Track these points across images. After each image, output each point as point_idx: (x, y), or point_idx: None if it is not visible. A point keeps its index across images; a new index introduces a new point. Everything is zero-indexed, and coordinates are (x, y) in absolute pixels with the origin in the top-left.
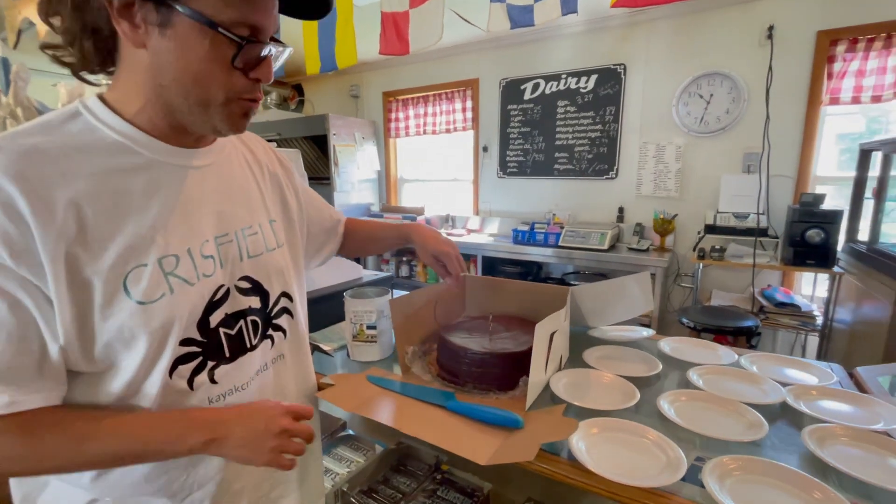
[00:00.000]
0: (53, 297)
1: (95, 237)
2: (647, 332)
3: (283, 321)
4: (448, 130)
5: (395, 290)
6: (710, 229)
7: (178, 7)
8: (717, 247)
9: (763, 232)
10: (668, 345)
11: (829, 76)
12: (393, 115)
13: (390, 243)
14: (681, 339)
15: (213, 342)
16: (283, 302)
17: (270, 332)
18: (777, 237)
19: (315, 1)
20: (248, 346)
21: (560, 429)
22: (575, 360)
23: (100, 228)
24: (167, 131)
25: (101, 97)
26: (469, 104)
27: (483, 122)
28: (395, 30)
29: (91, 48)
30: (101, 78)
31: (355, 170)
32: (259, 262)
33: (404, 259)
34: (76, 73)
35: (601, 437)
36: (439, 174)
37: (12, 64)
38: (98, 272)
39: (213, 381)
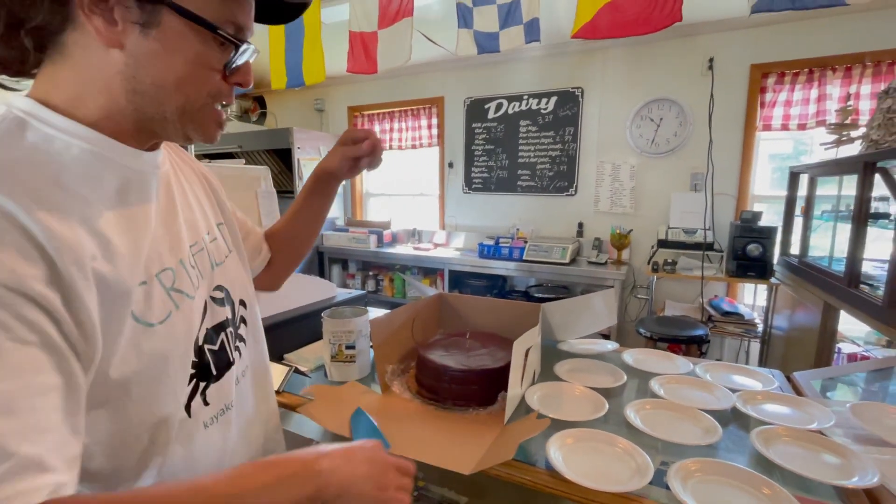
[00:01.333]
0: (81, 325)
1: (122, 255)
2: (611, 346)
3: (242, 331)
4: (414, 146)
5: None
6: (663, 244)
7: (167, 5)
8: (670, 260)
9: (710, 246)
10: (631, 356)
11: (762, 105)
12: None
13: (309, 199)
14: (642, 350)
15: (202, 361)
16: (240, 310)
17: (238, 343)
18: (722, 251)
19: (285, 9)
20: (230, 360)
21: (533, 427)
22: (546, 373)
23: (122, 246)
24: (130, 135)
25: (39, 101)
26: (434, 121)
27: (448, 138)
28: (363, 49)
29: (30, 45)
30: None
31: None
32: (224, 269)
33: (370, 273)
34: None
35: (575, 447)
36: (405, 189)
37: None
38: (133, 291)
39: (205, 402)
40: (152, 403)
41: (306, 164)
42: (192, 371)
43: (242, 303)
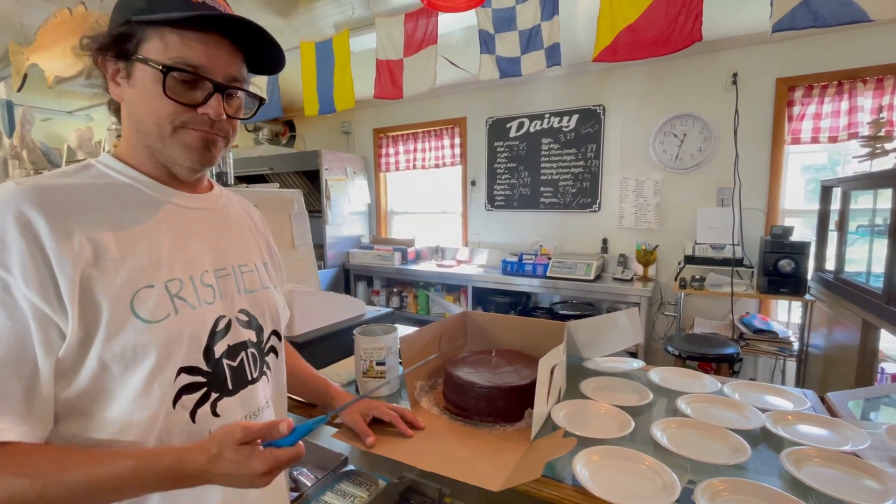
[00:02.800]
0: (65, 318)
1: (109, 259)
2: (637, 364)
3: (270, 359)
4: (437, 165)
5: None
6: (690, 259)
7: (134, 58)
8: (697, 276)
9: (739, 262)
10: (657, 375)
11: (790, 119)
12: (383, 151)
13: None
14: (669, 369)
15: (217, 373)
16: (273, 340)
17: (265, 369)
18: (752, 267)
19: (268, 63)
20: (249, 378)
21: (560, 446)
22: (572, 390)
23: (113, 252)
24: (163, 175)
25: (111, 152)
26: (457, 141)
27: (471, 157)
28: (389, 76)
29: (119, 120)
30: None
31: (346, 203)
32: (255, 297)
33: (395, 290)
34: None
35: (602, 464)
36: (429, 207)
37: (16, 107)
38: (109, 290)
39: (215, 413)
40: (141, 387)
41: (334, 184)
42: (202, 379)
43: (276, 334)
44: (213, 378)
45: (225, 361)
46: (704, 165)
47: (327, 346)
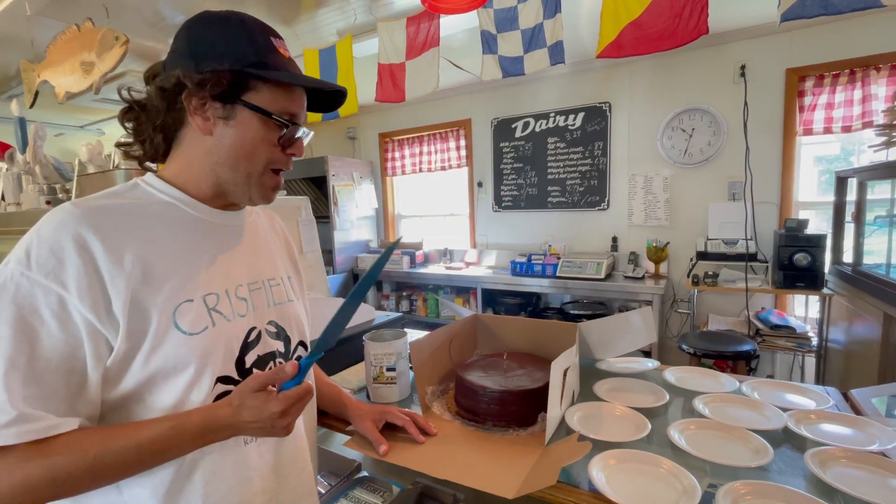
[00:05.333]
0: (114, 332)
1: (156, 276)
2: (652, 364)
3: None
4: (443, 168)
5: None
6: (702, 256)
7: (241, 104)
8: (710, 272)
9: (752, 257)
10: (672, 375)
11: (801, 109)
12: (389, 155)
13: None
14: (684, 368)
15: None
16: (300, 350)
17: None
18: (766, 261)
19: (329, 103)
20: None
21: (575, 451)
22: (586, 392)
23: (159, 269)
24: (209, 197)
25: (156, 174)
26: (462, 142)
27: (476, 159)
28: (391, 80)
29: (160, 141)
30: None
31: (354, 208)
32: (282, 309)
33: (404, 294)
34: (142, 164)
35: (619, 468)
36: (436, 209)
37: (28, 123)
38: (155, 305)
39: None
40: (179, 397)
41: (341, 190)
42: (230, 387)
43: (303, 344)
44: None
45: (256, 371)
46: (714, 160)
47: (337, 352)
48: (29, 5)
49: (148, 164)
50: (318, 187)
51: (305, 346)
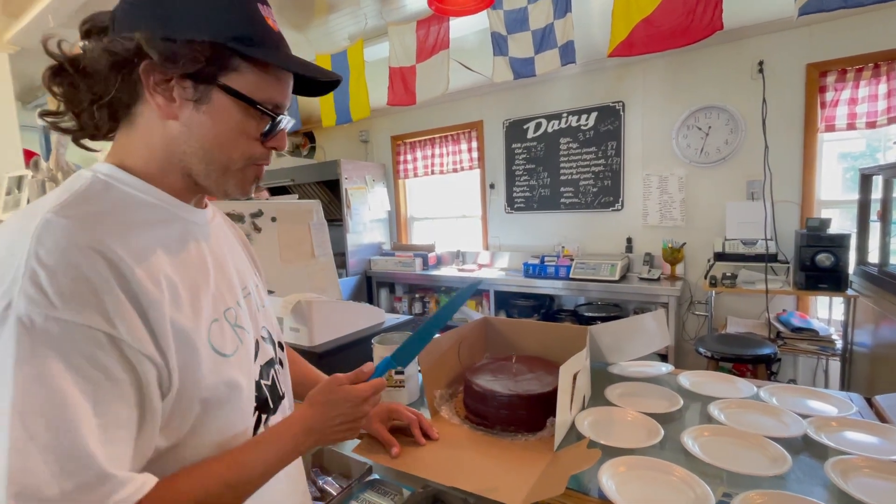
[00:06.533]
0: (167, 367)
1: (182, 296)
2: (666, 368)
3: (281, 371)
4: (455, 170)
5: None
6: (720, 256)
7: (217, 87)
8: (729, 273)
9: (773, 257)
10: (687, 379)
11: (823, 105)
12: (401, 158)
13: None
14: (699, 372)
15: (261, 395)
16: (280, 353)
17: (286, 380)
18: (787, 262)
19: (321, 85)
20: (280, 394)
21: (584, 459)
22: (597, 397)
23: (181, 288)
24: (181, 191)
25: (117, 165)
26: (474, 144)
27: (488, 160)
28: (402, 83)
29: (105, 116)
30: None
31: (367, 211)
32: (266, 313)
33: (417, 296)
34: (77, 140)
35: (629, 476)
36: (448, 212)
37: (52, 131)
38: (193, 330)
39: None
40: (225, 425)
41: (353, 193)
42: (255, 404)
43: (281, 346)
44: (260, 401)
45: (262, 382)
46: (732, 158)
47: (347, 354)
48: (52, 18)
49: (86, 142)
50: (331, 190)
51: (282, 348)
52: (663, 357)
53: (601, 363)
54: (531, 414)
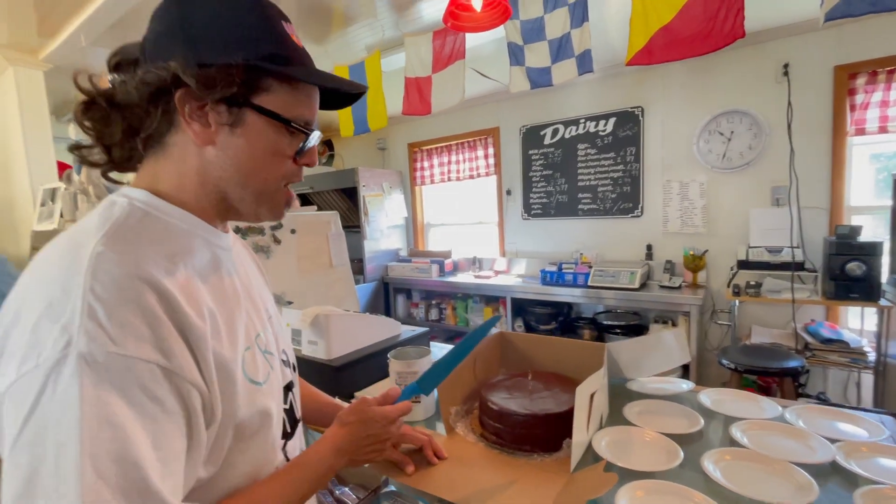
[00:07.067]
0: (212, 398)
1: (220, 326)
2: (686, 385)
3: (294, 393)
4: (471, 176)
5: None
6: (744, 264)
7: (251, 108)
8: (753, 282)
9: (800, 266)
10: (708, 397)
11: (852, 108)
12: (418, 165)
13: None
14: (721, 390)
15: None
16: (294, 375)
17: (299, 402)
18: (815, 271)
19: (345, 98)
20: (297, 417)
21: (601, 484)
22: (615, 415)
23: (218, 317)
24: (212, 217)
25: (150, 191)
26: (491, 151)
27: (505, 166)
28: (417, 93)
29: (137, 147)
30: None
31: (384, 217)
32: (284, 336)
33: (434, 302)
34: (105, 174)
35: (647, 501)
36: (464, 218)
37: None
38: (230, 360)
39: (287, 458)
40: (256, 455)
41: (371, 200)
42: (283, 428)
43: (294, 368)
44: (282, 428)
45: (283, 408)
46: (755, 164)
47: (364, 367)
48: (84, 38)
49: (113, 174)
50: (349, 198)
51: (296, 369)
52: (685, 368)
53: (620, 379)
54: (547, 433)
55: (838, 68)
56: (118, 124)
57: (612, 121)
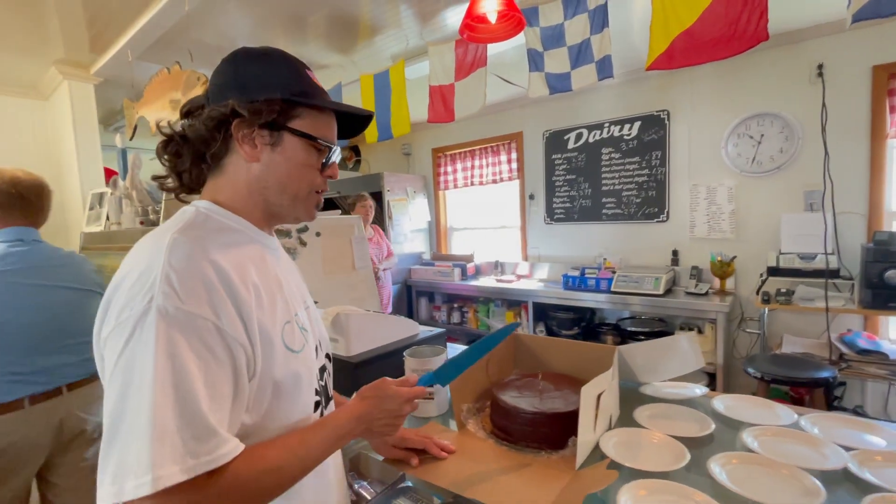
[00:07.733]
0: (255, 356)
1: (264, 301)
2: (700, 391)
3: (328, 377)
4: (494, 181)
5: (447, 343)
6: (774, 271)
7: (287, 131)
8: (784, 290)
9: (834, 273)
10: (721, 403)
11: (892, 109)
12: (442, 169)
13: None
14: (736, 396)
15: (319, 392)
16: (328, 363)
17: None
18: (851, 278)
19: (357, 125)
20: (330, 395)
21: (602, 479)
22: (626, 418)
23: (263, 295)
24: (260, 221)
25: (211, 201)
26: (514, 155)
27: (528, 171)
28: (441, 101)
29: (204, 171)
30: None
31: (408, 221)
32: (320, 328)
33: (455, 306)
34: (178, 196)
35: (649, 499)
36: (487, 222)
37: (129, 151)
38: (272, 328)
39: None
40: (290, 411)
41: (395, 204)
42: (318, 398)
43: (329, 357)
44: (321, 394)
45: (319, 383)
46: (787, 167)
47: (382, 365)
48: (131, 52)
49: (183, 196)
50: (374, 202)
51: (330, 359)
52: (711, 376)
53: (634, 383)
54: (554, 432)
55: (877, 68)
56: (188, 155)
57: (637, 125)
